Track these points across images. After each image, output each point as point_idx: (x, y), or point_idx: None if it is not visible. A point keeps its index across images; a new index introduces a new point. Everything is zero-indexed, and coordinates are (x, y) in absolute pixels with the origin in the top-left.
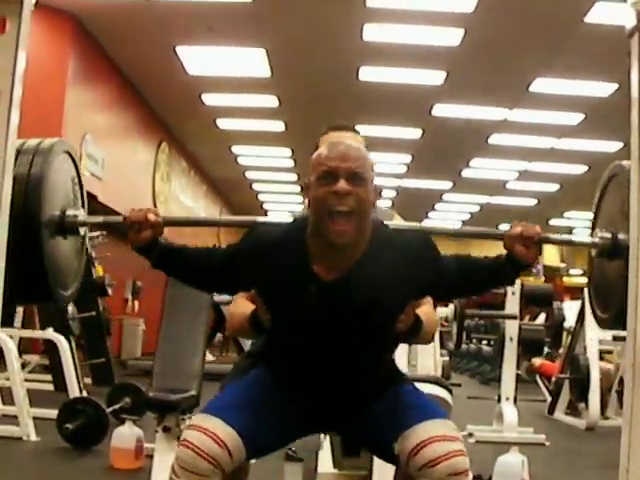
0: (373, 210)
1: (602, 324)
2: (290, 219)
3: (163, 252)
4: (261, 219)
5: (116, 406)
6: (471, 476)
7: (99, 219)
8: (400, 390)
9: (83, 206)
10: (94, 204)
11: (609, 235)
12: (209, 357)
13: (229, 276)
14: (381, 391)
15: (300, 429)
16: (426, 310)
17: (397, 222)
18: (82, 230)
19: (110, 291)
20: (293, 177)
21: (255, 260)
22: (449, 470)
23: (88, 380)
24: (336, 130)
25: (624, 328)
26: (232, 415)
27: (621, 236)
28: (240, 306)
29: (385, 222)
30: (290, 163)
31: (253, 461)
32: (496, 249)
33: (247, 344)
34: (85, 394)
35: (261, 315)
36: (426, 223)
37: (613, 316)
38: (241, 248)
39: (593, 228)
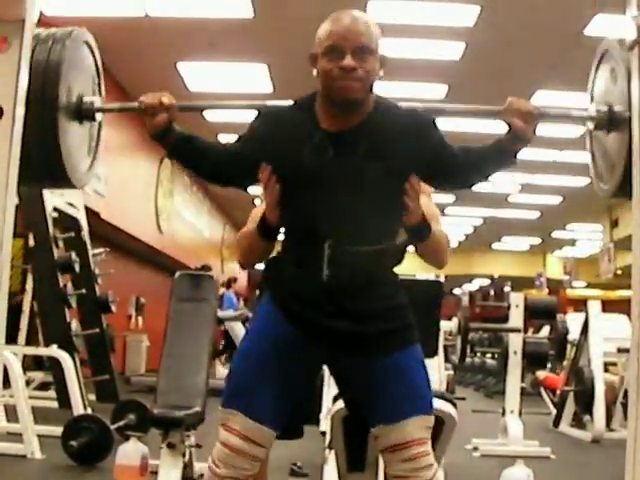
0: (379, 77)
1: (604, 194)
2: None
3: (179, 137)
4: (270, 102)
5: (120, 423)
6: (434, 471)
7: (115, 105)
8: (406, 354)
9: (100, 94)
10: (97, 221)
11: (605, 108)
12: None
13: (244, 157)
14: (383, 301)
15: (312, 372)
16: (436, 228)
17: None
18: (98, 116)
19: (114, 307)
20: None
21: (267, 135)
22: (415, 465)
23: (92, 397)
24: None
25: (628, 196)
26: (252, 402)
27: (617, 108)
28: (245, 232)
29: None
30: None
31: None
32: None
33: None
34: (89, 411)
35: (270, 213)
36: None
37: (616, 185)
38: (253, 123)
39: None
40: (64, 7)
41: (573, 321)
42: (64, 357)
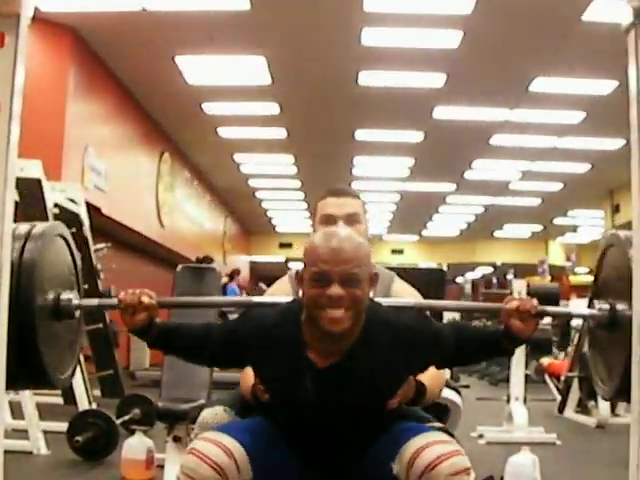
0: (370, 297)
1: (605, 394)
2: (288, 299)
3: (159, 334)
4: (257, 299)
5: (126, 417)
6: (474, 475)
7: (94, 302)
8: (397, 424)
9: (79, 289)
10: (98, 216)
11: (607, 306)
12: None
13: (226, 357)
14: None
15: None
16: (432, 373)
17: (393, 300)
18: (77, 313)
19: None
20: (297, 184)
21: (251, 343)
22: (450, 470)
23: (97, 392)
24: (334, 196)
25: (627, 400)
26: (241, 435)
27: (619, 307)
28: (248, 373)
29: (380, 300)
30: (293, 170)
31: None
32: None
33: None
34: (94, 406)
35: (259, 392)
36: (429, 231)
37: (615, 387)
38: (238, 330)
39: (592, 299)
40: (61, 2)
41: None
42: None
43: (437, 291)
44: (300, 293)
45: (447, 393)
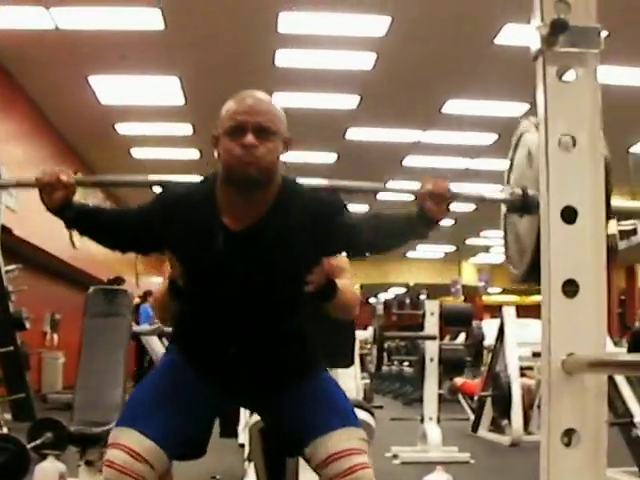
0: (283, 164)
1: (516, 279)
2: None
3: (78, 213)
4: (170, 177)
5: (37, 441)
6: None
7: (11, 181)
8: (318, 379)
9: None
10: (8, 237)
11: (520, 191)
12: None
13: (141, 234)
14: (294, 370)
15: (217, 410)
16: (344, 282)
17: (307, 180)
18: None
19: (28, 324)
20: None
21: (166, 216)
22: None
23: (8, 416)
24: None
25: (537, 281)
26: (147, 422)
27: (531, 192)
28: (161, 289)
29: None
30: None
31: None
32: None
33: None
34: (5, 430)
35: (177, 276)
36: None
37: (525, 271)
38: (152, 206)
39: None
40: None
41: (489, 327)
42: None
43: None
44: (215, 155)
45: (360, 414)
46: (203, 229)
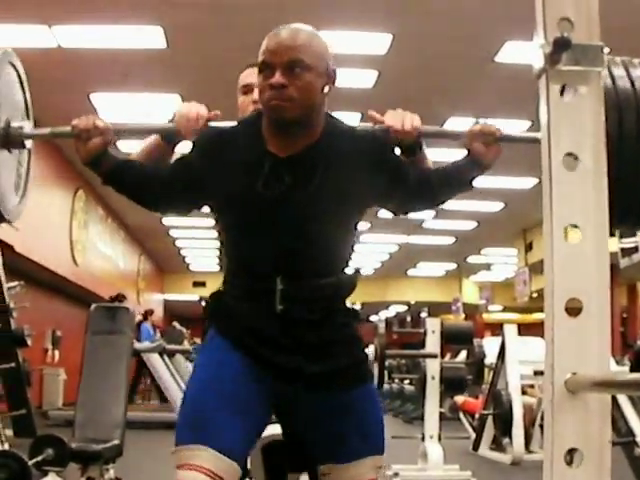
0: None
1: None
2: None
3: (116, 163)
4: (214, 123)
5: (39, 458)
6: None
7: (46, 131)
8: (366, 389)
9: (29, 118)
10: (10, 254)
11: None
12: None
13: (182, 177)
14: (339, 330)
15: (266, 397)
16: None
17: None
18: (28, 143)
19: (29, 341)
20: (210, 222)
21: (208, 149)
22: None
23: (9, 432)
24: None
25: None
26: (215, 433)
27: None
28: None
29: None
30: (206, 208)
31: None
32: None
33: (169, 391)
34: (6, 447)
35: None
36: None
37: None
38: (194, 144)
39: None
40: None
41: (490, 345)
42: None
43: None
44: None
45: None
46: (248, 158)
